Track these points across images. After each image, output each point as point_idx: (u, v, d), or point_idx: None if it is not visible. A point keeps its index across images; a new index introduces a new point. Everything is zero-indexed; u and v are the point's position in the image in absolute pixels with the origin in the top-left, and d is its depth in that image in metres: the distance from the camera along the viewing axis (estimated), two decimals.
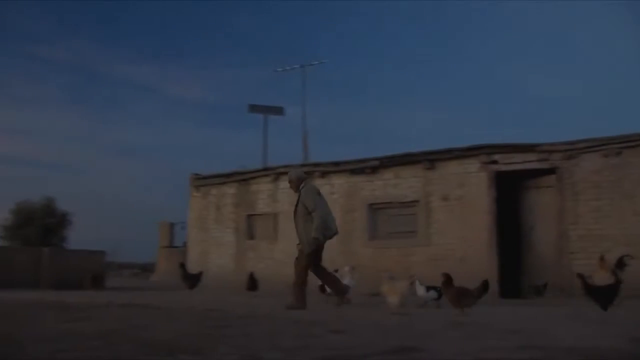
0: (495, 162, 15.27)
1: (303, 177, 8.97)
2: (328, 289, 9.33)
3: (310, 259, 8.55)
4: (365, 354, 4.05)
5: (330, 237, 8.75)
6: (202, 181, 21.17)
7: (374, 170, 17.04)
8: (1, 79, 68.26)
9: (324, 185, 17.84)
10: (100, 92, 74.48)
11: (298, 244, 8.87)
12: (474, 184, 15.45)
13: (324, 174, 17.96)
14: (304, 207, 8.60)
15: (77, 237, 35.32)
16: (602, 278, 9.28)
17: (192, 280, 15.32)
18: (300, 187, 8.80)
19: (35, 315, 7.19)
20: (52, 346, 4.36)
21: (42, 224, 33.03)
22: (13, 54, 68.39)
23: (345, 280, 9.56)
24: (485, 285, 7.82)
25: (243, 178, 19.93)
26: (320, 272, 8.83)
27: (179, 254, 23.06)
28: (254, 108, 27.10)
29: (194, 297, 12.11)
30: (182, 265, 15.15)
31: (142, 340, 4.83)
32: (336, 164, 17.87)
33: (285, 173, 18.57)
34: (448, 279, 8.00)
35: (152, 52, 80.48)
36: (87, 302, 9.38)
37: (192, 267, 19.60)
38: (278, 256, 18.27)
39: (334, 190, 17.69)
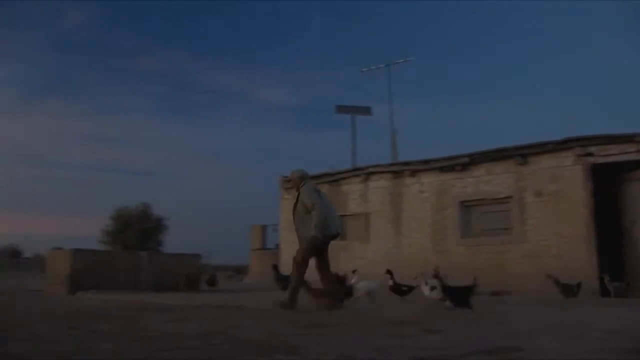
0: (590, 154, 14.62)
1: (304, 176, 8.84)
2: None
3: (305, 255, 8.36)
4: (462, 354, 3.96)
5: (333, 237, 8.59)
6: (291, 183, 21.33)
7: (464, 167, 16.69)
8: (100, 91, 71.38)
9: (413, 184, 17.70)
10: (192, 100, 76.70)
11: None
12: (568, 178, 14.86)
13: (413, 173, 17.76)
14: (303, 205, 8.48)
15: (173, 241, 36.38)
16: None
17: (285, 281, 15.41)
18: (301, 186, 8.69)
19: (136, 316, 7.42)
20: (153, 346, 4.48)
21: (139, 229, 34.20)
22: (110, 68, 71.46)
23: (360, 284, 9.56)
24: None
25: (333, 179, 19.97)
26: (323, 272, 8.62)
27: (272, 256, 23.34)
28: (341, 109, 27.11)
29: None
30: (275, 267, 15.27)
31: (238, 340, 4.89)
32: (426, 162, 17.62)
33: (375, 173, 18.56)
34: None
35: (239, 58, 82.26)
36: (183, 304, 9.61)
37: (285, 269, 19.85)
38: (371, 256, 18.21)
39: (423, 188, 17.47)
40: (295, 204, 8.60)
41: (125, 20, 69.44)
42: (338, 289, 8.79)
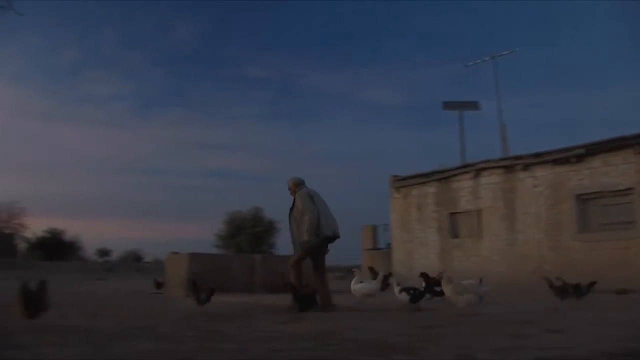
0: None
1: (299, 182, 9.06)
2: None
3: (299, 258, 8.62)
4: (586, 356, 3.73)
5: (329, 240, 8.70)
6: (402, 182, 21.21)
7: (579, 158, 15.93)
8: (209, 100, 73.83)
9: (526, 178, 17.11)
10: (297, 104, 77.78)
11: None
12: None
13: (525, 167, 17.17)
14: (298, 210, 8.69)
15: (285, 243, 36.94)
16: None
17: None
18: (297, 192, 8.92)
19: (253, 317, 7.52)
20: (270, 346, 4.50)
21: (251, 232, 35.01)
22: (218, 77, 73.69)
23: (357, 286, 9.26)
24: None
25: (443, 176, 19.67)
26: (316, 274, 8.82)
27: (383, 256, 23.23)
28: (448, 105, 26.58)
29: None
30: (371, 269, 15.08)
31: (354, 340, 4.84)
32: (538, 155, 16.99)
33: (486, 168, 18.09)
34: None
35: (342, 60, 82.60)
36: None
37: (398, 267, 19.70)
38: (484, 253, 17.80)
39: (537, 182, 16.86)
40: (291, 209, 8.85)
41: (229, 31, 71.54)
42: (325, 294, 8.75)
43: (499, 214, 17.77)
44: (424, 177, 20.36)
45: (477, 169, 18.51)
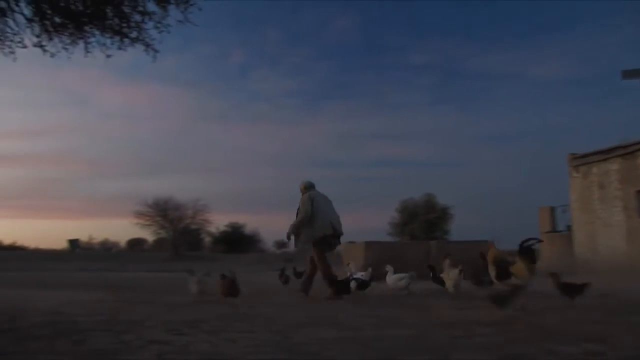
0: None
1: (308, 185, 9.72)
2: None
3: (317, 254, 9.17)
4: None
5: (325, 238, 9.15)
6: (581, 160, 20.12)
7: None
8: (376, 90, 74.26)
9: None
10: (463, 87, 76.02)
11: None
12: None
13: None
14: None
15: (459, 229, 36.45)
16: None
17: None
18: (303, 194, 9.58)
19: (429, 304, 7.51)
20: (449, 332, 4.48)
21: (425, 219, 34.85)
22: (382, 66, 73.86)
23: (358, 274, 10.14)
24: None
25: (627, 151, 18.35)
26: (311, 265, 9.43)
27: (563, 238, 22.20)
28: (627, 74, 24.72)
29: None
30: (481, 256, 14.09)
31: (538, 326, 4.69)
32: None
33: None
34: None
35: (506, 40, 79.21)
36: (470, 291, 9.54)
37: (580, 251, 18.76)
38: None
39: None
40: (298, 209, 9.43)
41: (389, 19, 71.21)
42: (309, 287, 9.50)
43: None
44: (605, 154, 19.15)
45: None
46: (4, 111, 69.38)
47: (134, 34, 8.10)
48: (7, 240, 50.51)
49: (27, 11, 7.83)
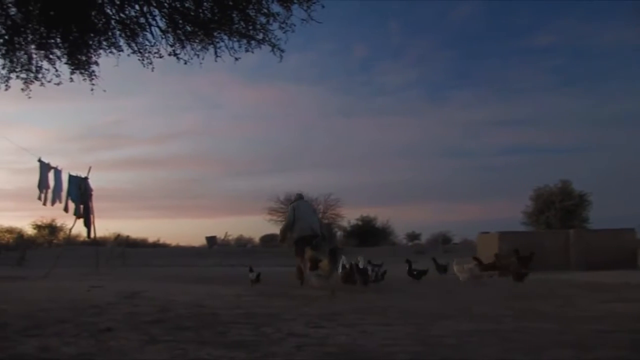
0: None
1: (296, 198, 12.14)
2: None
3: (296, 250, 10.92)
4: None
5: (303, 238, 10.69)
6: None
7: None
8: (502, 75, 71.97)
9: None
10: (589, 68, 72.06)
11: None
12: None
13: None
14: None
15: (600, 216, 34.67)
16: None
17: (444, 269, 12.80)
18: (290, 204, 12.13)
19: (571, 296, 7.22)
20: (593, 327, 4.28)
21: (561, 207, 33.46)
22: (506, 50, 71.46)
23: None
24: None
25: None
26: (302, 259, 10.51)
27: None
28: None
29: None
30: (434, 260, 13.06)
31: None
32: None
33: None
34: None
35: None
36: (619, 282, 9.08)
37: None
38: None
39: None
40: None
41: (509, 3, 68.75)
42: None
43: None
44: None
45: None
46: (143, 119, 73.38)
47: (260, 36, 8.32)
48: (152, 238, 53.31)
49: (162, 23, 8.32)
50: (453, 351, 3.48)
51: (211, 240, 45.77)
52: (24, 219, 78.29)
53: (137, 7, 8.13)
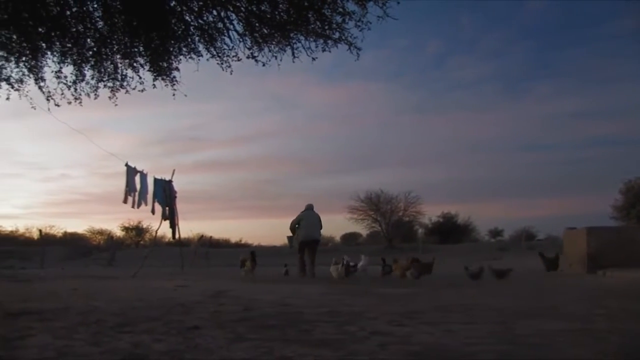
0: None
1: (307, 207, 14.21)
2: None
3: (298, 251, 14.13)
4: None
5: (306, 242, 13.84)
6: None
7: None
8: (582, 66, 69.52)
9: None
10: None
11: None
12: None
13: None
14: None
15: None
16: None
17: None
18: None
19: None
20: None
21: None
22: (586, 40, 68.95)
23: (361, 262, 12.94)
24: None
25: None
26: (310, 261, 13.72)
27: None
28: None
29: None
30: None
31: None
32: None
33: None
34: None
35: None
36: None
37: None
38: None
39: None
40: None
41: None
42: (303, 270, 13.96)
43: None
44: None
45: None
46: (222, 121, 74.81)
47: (336, 35, 8.35)
48: (234, 238, 54.27)
49: (239, 27, 8.49)
50: (539, 350, 3.41)
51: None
52: (112, 221, 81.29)
53: (214, 12, 8.33)
